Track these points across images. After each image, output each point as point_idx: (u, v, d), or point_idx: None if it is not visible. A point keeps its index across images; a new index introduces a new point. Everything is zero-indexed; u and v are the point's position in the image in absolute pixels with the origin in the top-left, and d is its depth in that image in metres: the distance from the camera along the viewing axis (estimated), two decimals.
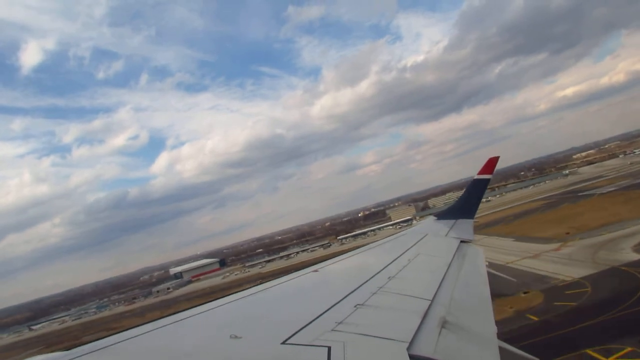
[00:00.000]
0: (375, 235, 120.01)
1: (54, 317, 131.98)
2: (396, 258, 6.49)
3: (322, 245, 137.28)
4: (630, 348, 22.30)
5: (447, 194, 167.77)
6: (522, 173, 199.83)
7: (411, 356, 2.69)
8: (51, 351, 3.33)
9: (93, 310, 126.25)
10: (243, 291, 5.02)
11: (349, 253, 7.78)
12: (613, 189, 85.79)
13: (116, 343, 3.22)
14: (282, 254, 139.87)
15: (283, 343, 2.88)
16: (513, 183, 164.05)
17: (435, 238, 8.98)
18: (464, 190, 12.21)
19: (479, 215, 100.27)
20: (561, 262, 42.91)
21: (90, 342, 3.30)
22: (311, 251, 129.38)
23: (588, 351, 22.99)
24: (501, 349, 3.30)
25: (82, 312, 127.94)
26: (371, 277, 5.09)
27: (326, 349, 2.69)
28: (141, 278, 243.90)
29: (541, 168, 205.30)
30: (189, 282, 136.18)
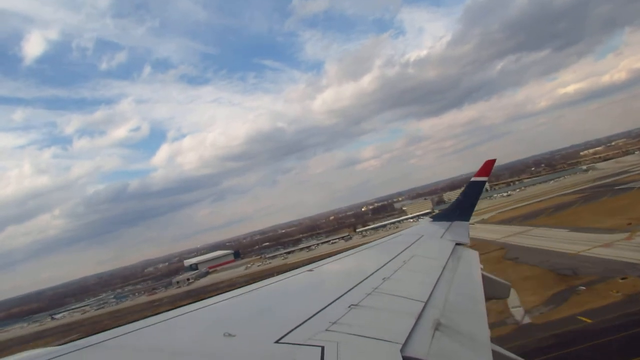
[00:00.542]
0: (397, 228, 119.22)
1: (74, 307, 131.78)
2: (391, 259, 6.45)
3: (343, 237, 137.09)
4: None
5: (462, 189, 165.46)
6: (533, 169, 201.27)
7: (404, 358, 2.67)
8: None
9: (113, 300, 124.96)
10: (237, 289, 5.00)
11: (344, 253, 7.76)
12: None
13: (109, 339, 3.18)
14: (302, 246, 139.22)
15: (276, 342, 2.86)
16: (529, 178, 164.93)
17: (430, 240, 8.95)
18: (461, 192, 12.22)
19: (511, 207, 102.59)
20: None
21: (83, 338, 3.26)
22: (332, 243, 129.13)
23: None
24: (494, 352, 3.30)
25: (102, 302, 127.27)
26: (366, 278, 5.07)
27: (319, 349, 2.68)
28: (145, 270, 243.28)
29: (551, 164, 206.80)
30: (207, 273, 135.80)
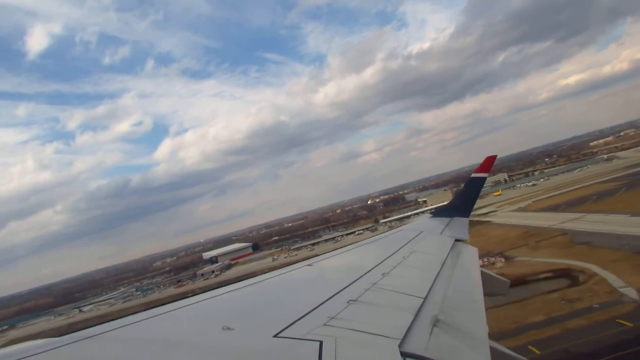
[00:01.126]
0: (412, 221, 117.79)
1: (99, 300, 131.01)
2: (390, 255, 6.46)
3: (368, 228, 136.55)
4: None
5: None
6: (547, 159, 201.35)
7: (403, 353, 2.66)
8: None
9: (137, 293, 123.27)
10: (236, 283, 4.97)
11: (344, 248, 7.76)
12: None
13: (109, 331, 3.19)
14: (327, 237, 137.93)
15: (275, 336, 2.86)
16: (546, 169, 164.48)
17: (430, 236, 8.96)
18: (461, 188, 12.11)
19: (547, 196, 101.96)
20: None
21: (82, 330, 3.27)
22: (358, 234, 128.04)
23: None
24: (492, 349, 3.28)
25: (127, 295, 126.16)
26: (365, 273, 5.06)
27: (318, 344, 2.67)
28: (154, 264, 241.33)
29: (563, 155, 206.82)
30: (230, 266, 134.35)
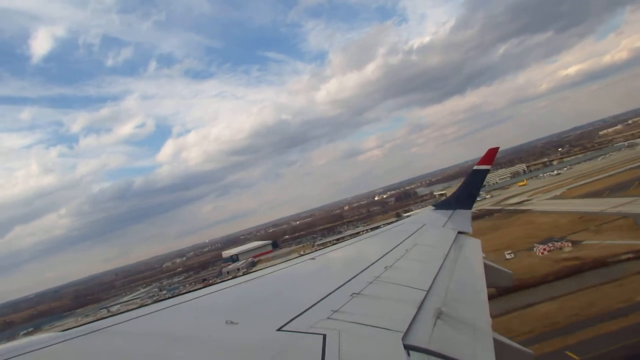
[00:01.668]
0: None
1: (124, 300, 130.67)
2: (393, 248, 6.46)
3: (393, 222, 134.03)
4: None
5: (500, 170, 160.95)
6: (560, 149, 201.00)
7: (406, 346, 2.67)
8: None
9: (164, 292, 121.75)
10: (239, 277, 4.99)
11: (347, 242, 7.77)
12: None
13: (111, 325, 3.18)
14: (351, 232, 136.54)
15: (279, 330, 2.87)
16: (565, 157, 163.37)
17: (432, 229, 8.94)
18: (463, 180, 12.14)
19: (581, 183, 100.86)
20: None
21: (87, 324, 3.27)
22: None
23: None
24: (495, 341, 3.30)
25: (152, 295, 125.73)
26: (368, 267, 5.06)
27: (321, 337, 2.69)
28: (164, 265, 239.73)
29: (576, 145, 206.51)
30: (254, 263, 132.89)
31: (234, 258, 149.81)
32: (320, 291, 3.87)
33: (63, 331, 3.02)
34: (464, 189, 11.76)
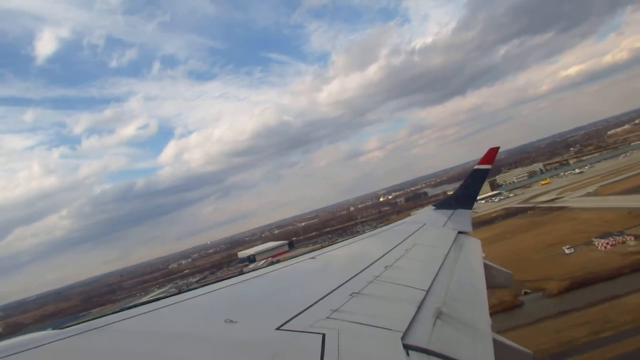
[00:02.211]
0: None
1: (145, 302, 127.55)
2: (393, 248, 6.42)
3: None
4: None
5: (516, 170, 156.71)
6: (572, 149, 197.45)
7: (405, 346, 2.67)
8: None
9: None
10: (239, 276, 4.98)
11: (346, 241, 7.76)
12: None
13: (110, 324, 3.18)
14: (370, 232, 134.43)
15: (278, 329, 2.87)
16: (580, 157, 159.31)
17: (432, 228, 8.91)
18: (464, 180, 12.08)
19: (612, 180, 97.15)
20: None
21: (85, 322, 3.25)
22: None
23: None
24: (495, 341, 3.28)
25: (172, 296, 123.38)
26: (367, 266, 5.04)
27: (320, 336, 2.68)
28: (170, 266, 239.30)
29: (586, 144, 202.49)
30: (273, 263, 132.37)
31: (252, 258, 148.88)
32: (319, 290, 3.86)
33: (61, 329, 2.99)
34: (465, 189, 11.75)
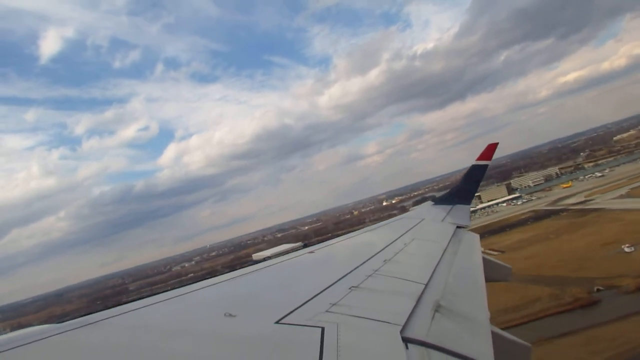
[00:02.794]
0: (492, 213, 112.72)
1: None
2: (392, 242, 6.45)
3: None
4: None
5: (532, 173, 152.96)
6: (582, 154, 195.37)
7: (404, 339, 2.67)
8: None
9: None
10: (238, 270, 4.99)
11: (345, 235, 7.80)
12: None
13: (109, 317, 3.17)
14: None
15: (277, 322, 2.87)
16: (594, 161, 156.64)
17: (431, 223, 8.96)
18: (463, 175, 12.12)
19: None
20: None
21: (83, 316, 3.24)
22: None
23: None
24: (494, 334, 3.29)
25: None
26: (366, 260, 5.06)
27: (320, 330, 2.68)
28: (173, 269, 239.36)
29: (596, 149, 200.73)
30: None
31: (267, 260, 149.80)
32: (319, 284, 3.87)
33: (60, 323, 2.99)
34: (464, 184, 11.72)
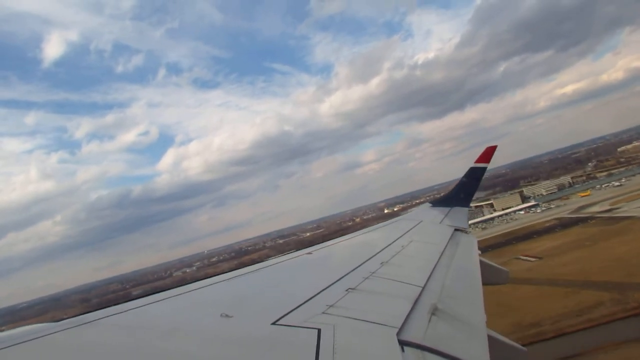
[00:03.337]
0: (511, 220, 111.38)
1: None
2: (389, 244, 6.46)
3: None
4: None
5: (544, 182, 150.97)
6: (590, 164, 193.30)
7: (401, 341, 2.66)
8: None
9: None
10: (235, 271, 4.99)
11: (343, 237, 7.80)
12: None
13: (106, 317, 3.16)
14: None
15: (273, 324, 2.86)
16: (603, 171, 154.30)
17: (429, 225, 8.97)
18: (461, 178, 12.14)
19: None
20: None
21: (79, 315, 3.23)
22: None
23: None
24: (490, 338, 3.28)
25: None
26: (364, 262, 5.06)
27: (316, 331, 2.67)
28: (174, 274, 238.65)
29: (602, 159, 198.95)
30: None
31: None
32: (315, 286, 3.87)
33: (56, 322, 2.99)
34: (462, 187, 11.82)
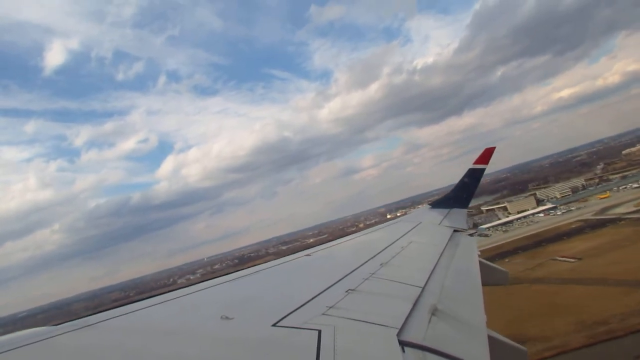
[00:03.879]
0: (532, 223, 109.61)
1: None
2: (389, 245, 6.49)
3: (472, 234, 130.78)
4: None
5: (558, 185, 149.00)
6: (598, 166, 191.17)
7: (401, 342, 2.67)
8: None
9: None
10: (235, 273, 5.01)
11: (342, 239, 7.83)
12: None
13: (105, 320, 3.16)
14: None
15: (274, 325, 2.86)
16: (615, 174, 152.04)
17: (428, 227, 9.03)
18: (460, 179, 12.17)
19: None
20: None
21: (80, 318, 3.22)
22: None
23: None
24: (490, 338, 3.29)
25: None
26: (363, 263, 5.08)
27: (316, 332, 2.67)
28: (178, 281, 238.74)
29: (610, 162, 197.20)
30: None
31: None
32: (315, 287, 3.87)
33: (54, 325, 2.99)
34: (460, 188, 11.84)
